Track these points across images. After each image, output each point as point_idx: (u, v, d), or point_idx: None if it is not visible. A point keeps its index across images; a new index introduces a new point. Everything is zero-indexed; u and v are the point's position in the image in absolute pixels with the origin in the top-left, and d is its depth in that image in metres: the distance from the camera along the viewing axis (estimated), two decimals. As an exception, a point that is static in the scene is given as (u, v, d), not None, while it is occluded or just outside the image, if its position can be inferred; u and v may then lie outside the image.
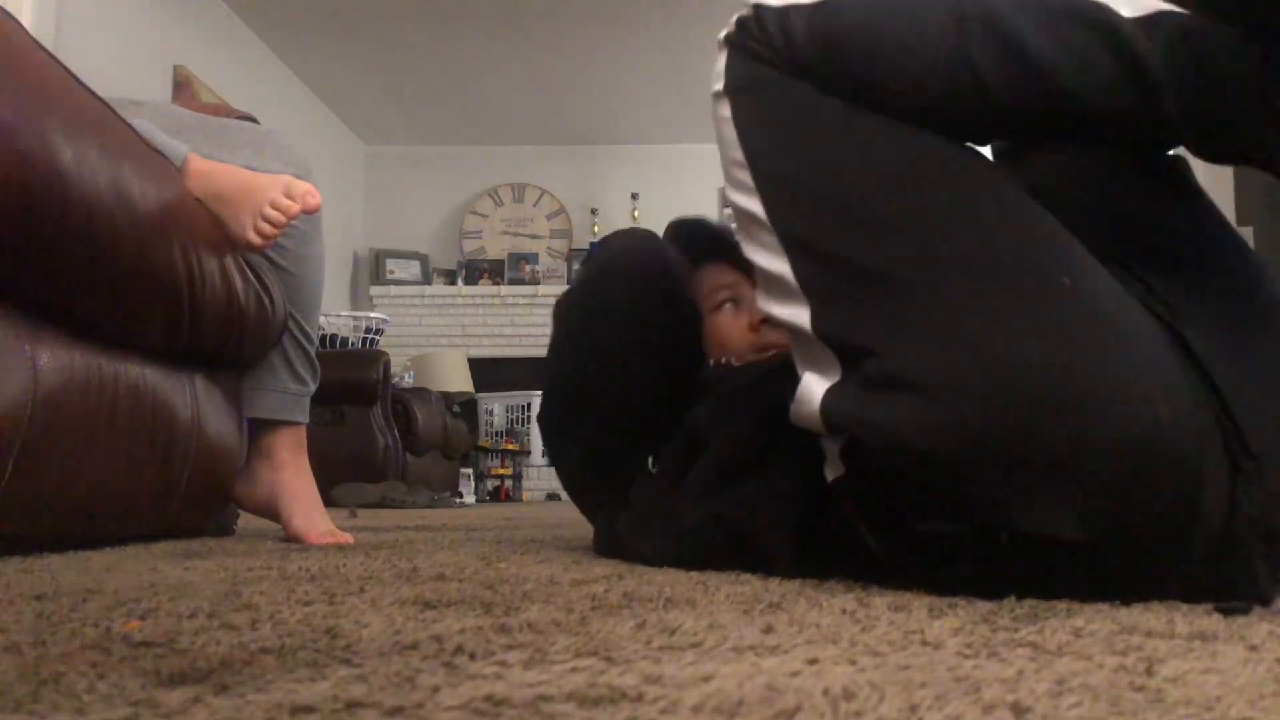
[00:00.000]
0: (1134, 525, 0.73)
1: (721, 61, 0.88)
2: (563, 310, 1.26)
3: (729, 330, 1.26)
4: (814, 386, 0.82)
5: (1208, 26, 0.74)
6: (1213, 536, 0.74)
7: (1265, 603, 0.74)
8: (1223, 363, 0.77)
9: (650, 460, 1.18)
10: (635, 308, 1.16)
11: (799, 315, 0.82)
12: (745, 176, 0.85)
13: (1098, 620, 0.64)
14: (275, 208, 1.38)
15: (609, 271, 1.20)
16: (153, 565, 1.05)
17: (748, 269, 1.19)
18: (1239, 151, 0.79)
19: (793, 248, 0.82)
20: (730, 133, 0.86)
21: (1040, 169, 0.98)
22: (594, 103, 6.06)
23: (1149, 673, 0.47)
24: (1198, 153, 0.82)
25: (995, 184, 0.81)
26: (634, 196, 6.59)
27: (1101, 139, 0.87)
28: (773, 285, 0.85)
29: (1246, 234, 3.60)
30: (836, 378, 0.80)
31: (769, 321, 1.19)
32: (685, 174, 6.60)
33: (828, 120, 0.82)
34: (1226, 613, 0.69)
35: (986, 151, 0.88)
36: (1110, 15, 0.76)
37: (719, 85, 0.87)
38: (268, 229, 1.39)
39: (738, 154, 0.86)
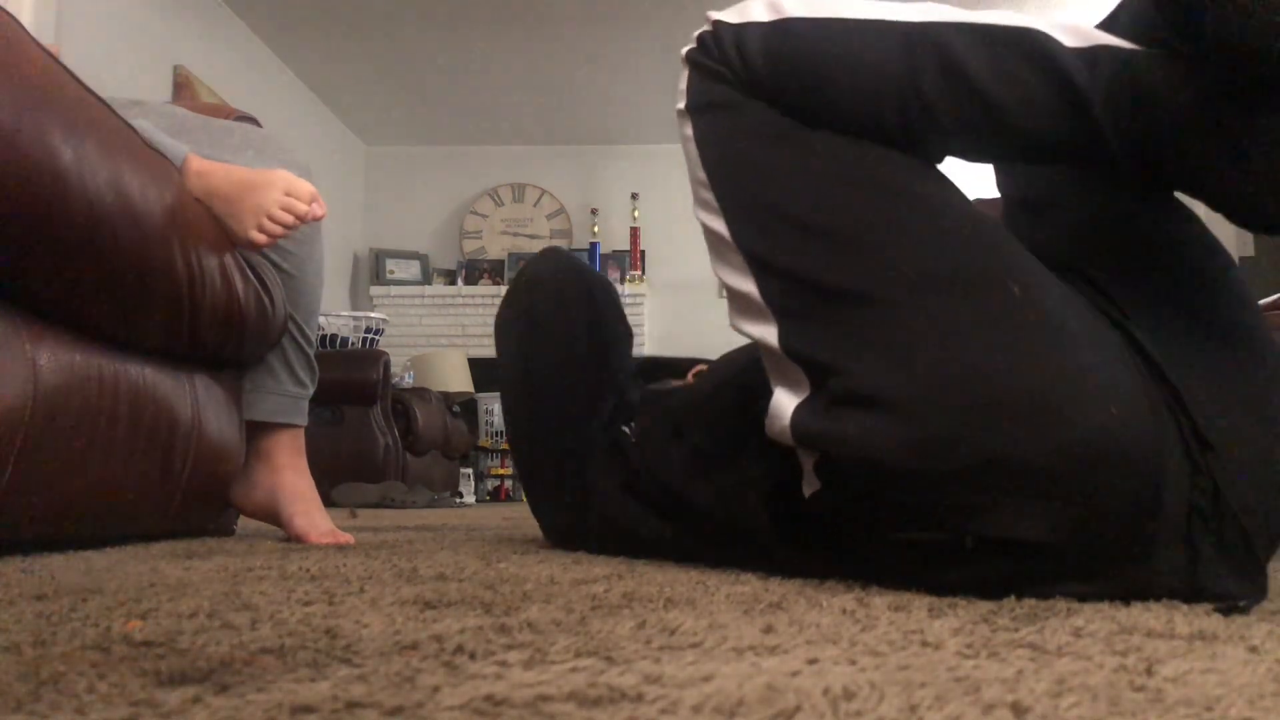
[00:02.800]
0: (1097, 523, 0.75)
1: (684, 79, 0.90)
2: (499, 321, 1.42)
3: None
4: (785, 402, 0.84)
5: (1147, 59, 0.76)
6: (1176, 531, 0.76)
7: (1229, 593, 0.76)
8: (1176, 359, 0.79)
9: (628, 430, 1.22)
10: (561, 285, 1.35)
11: (767, 333, 0.84)
12: (709, 196, 0.88)
13: (1098, 620, 0.64)
14: (283, 208, 1.38)
15: (530, 271, 1.41)
16: (153, 565, 1.05)
17: (672, 373, 1.43)
18: (1176, 181, 0.82)
19: (757, 267, 0.84)
20: (694, 151, 0.89)
21: (1006, 183, 1.00)
22: (594, 103, 6.06)
23: (1149, 673, 0.47)
24: (1136, 181, 0.84)
25: (944, 197, 0.83)
26: (634, 196, 6.59)
27: (1046, 163, 0.90)
28: (741, 304, 0.87)
29: (1246, 236, 3.60)
30: (806, 394, 0.83)
31: (700, 374, 1.34)
32: (685, 174, 6.57)
33: (783, 141, 0.84)
34: (1226, 613, 0.69)
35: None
36: (1052, 46, 0.78)
37: (681, 104, 0.90)
38: (275, 229, 1.38)
39: (700, 173, 0.88)
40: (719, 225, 0.87)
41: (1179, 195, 0.90)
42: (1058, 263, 0.83)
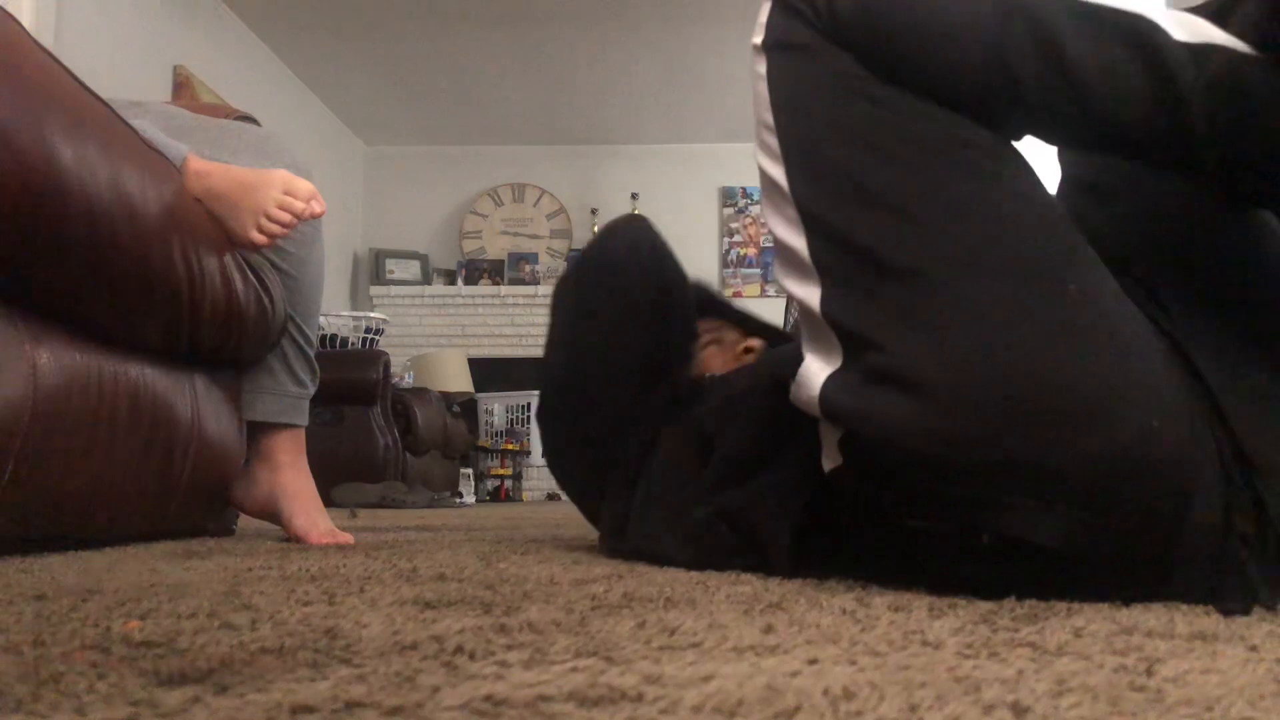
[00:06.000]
0: (1116, 536, 0.73)
1: (764, 13, 0.86)
2: (558, 294, 1.31)
3: (711, 360, 1.33)
4: (815, 370, 0.82)
5: (1261, 67, 0.72)
6: (1204, 546, 0.74)
7: (1270, 606, 0.74)
8: (1224, 377, 0.77)
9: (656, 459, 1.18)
10: (629, 277, 1.22)
11: (810, 294, 0.81)
12: (773, 141, 0.84)
13: (1098, 620, 0.64)
14: (282, 208, 1.38)
15: (602, 250, 1.27)
16: (153, 565, 1.05)
17: (724, 318, 1.34)
18: (1264, 197, 0.78)
19: (811, 224, 0.81)
20: (763, 91, 0.85)
21: (1071, 162, 0.96)
22: (594, 103, 6.06)
23: (1149, 673, 0.47)
24: (1224, 191, 0.81)
25: (1013, 179, 0.80)
26: (634, 196, 6.59)
27: (1125, 157, 0.84)
28: (788, 258, 0.84)
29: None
30: (838, 364, 0.80)
31: (750, 351, 1.28)
32: (685, 174, 6.61)
33: (857, 96, 0.80)
34: (1226, 613, 0.69)
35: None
36: (1159, 38, 0.74)
37: (758, 39, 0.86)
38: (274, 228, 1.38)
39: (768, 116, 0.85)
40: (778, 173, 0.83)
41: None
42: (1112, 254, 0.80)
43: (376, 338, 5.35)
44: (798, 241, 0.82)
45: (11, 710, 0.37)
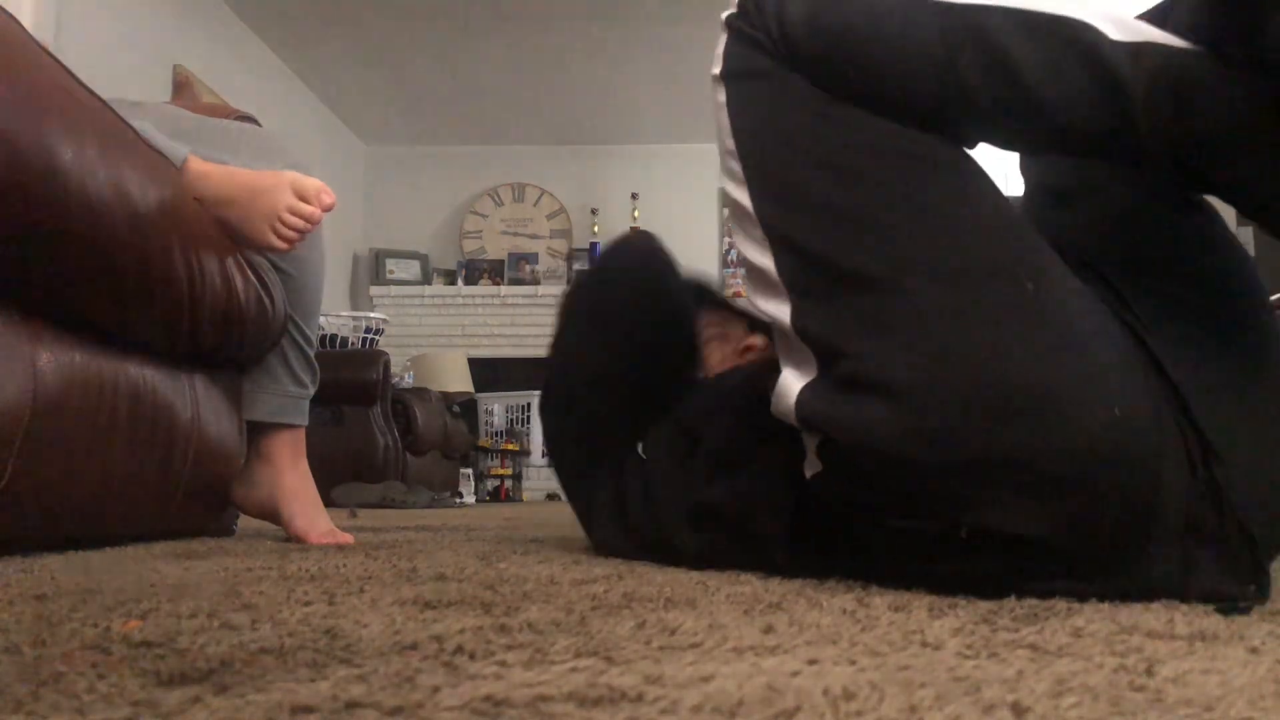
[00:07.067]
0: (1092, 522, 0.75)
1: (721, 44, 0.88)
2: (568, 301, 1.34)
3: (713, 355, 1.35)
4: (791, 382, 0.84)
5: (1196, 60, 0.75)
6: (1172, 532, 0.76)
7: (1232, 594, 0.76)
8: (1186, 366, 0.79)
9: (640, 447, 1.19)
10: (637, 294, 1.26)
11: (781, 311, 0.84)
12: (736, 167, 0.87)
13: (1098, 620, 0.64)
14: (294, 212, 1.38)
15: (614, 263, 1.32)
16: (153, 565, 1.05)
17: (730, 312, 1.35)
18: (1210, 187, 0.81)
19: (777, 243, 0.84)
20: (725, 119, 0.87)
21: (1026, 165, 0.99)
22: (594, 103, 6.06)
23: (1149, 673, 0.47)
24: (1171, 179, 0.84)
25: (969, 186, 0.82)
26: (634, 196, 6.59)
27: (1080, 155, 0.88)
28: (758, 279, 0.86)
29: (1246, 235, 3.60)
30: (813, 375, 0.82)
31: (750, 350, 1.29)
32: (685, 174, 6.60)
33: (813, 116, 0.83)
34: (1226, 613, 0.69)
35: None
36: (1097, 38, 0.77)
37: (716, 69, 0.88)
38: (290, 233, 1.39)
39: (730, 142, 0.87)
40: (743, 197, 0.86)
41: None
42: (1076, 255, 0.83)
43: (376, 338, 5.35)
44: (766, 261, 0.84)
45: (11, 710, 0.37)
